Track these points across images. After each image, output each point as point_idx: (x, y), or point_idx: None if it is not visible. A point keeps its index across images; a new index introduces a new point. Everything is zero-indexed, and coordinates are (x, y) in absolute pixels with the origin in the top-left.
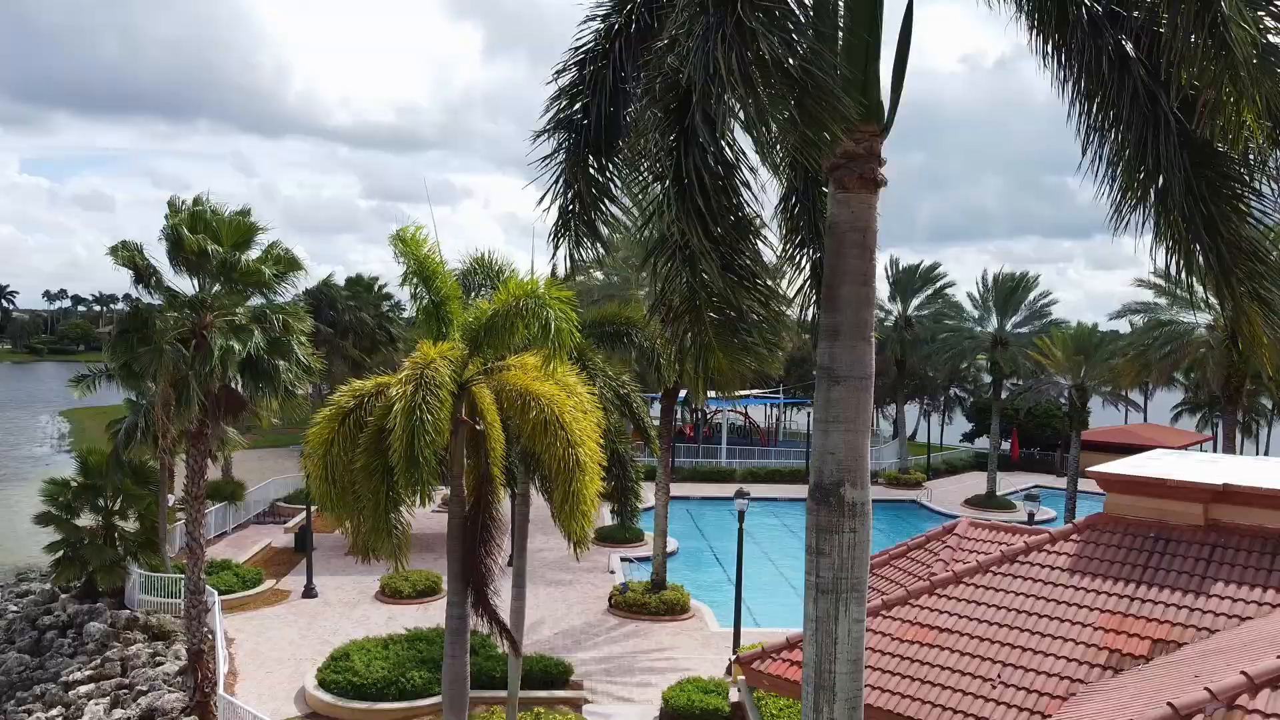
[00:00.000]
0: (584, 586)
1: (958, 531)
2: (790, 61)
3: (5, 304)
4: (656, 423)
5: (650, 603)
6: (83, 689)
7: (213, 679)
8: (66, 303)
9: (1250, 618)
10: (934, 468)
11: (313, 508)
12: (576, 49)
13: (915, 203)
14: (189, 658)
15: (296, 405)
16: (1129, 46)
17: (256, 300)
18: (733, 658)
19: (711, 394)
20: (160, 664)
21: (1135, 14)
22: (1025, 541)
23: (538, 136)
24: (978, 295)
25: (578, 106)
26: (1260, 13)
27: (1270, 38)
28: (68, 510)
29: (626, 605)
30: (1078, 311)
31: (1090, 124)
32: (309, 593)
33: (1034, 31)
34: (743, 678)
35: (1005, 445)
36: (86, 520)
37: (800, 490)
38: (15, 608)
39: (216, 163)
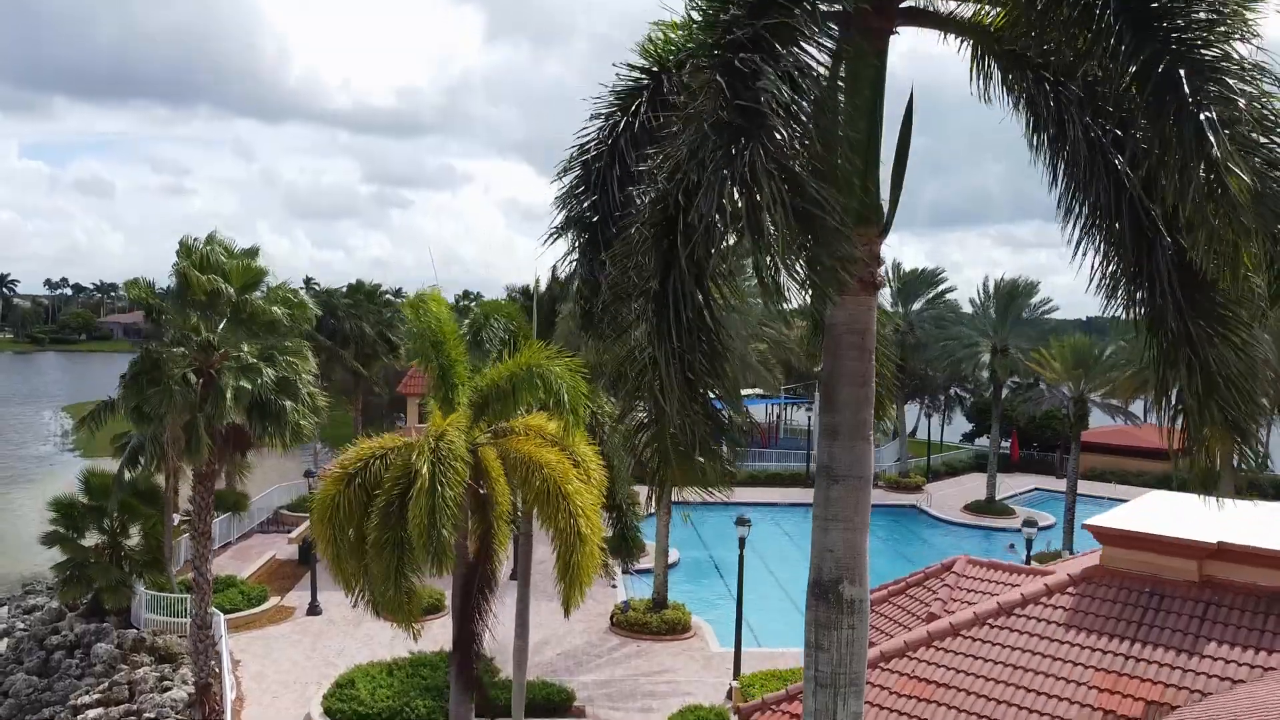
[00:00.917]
0: (585, 603)
1: (956, 570)
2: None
3: (6, 292)
4: None
5: (652, 622)
6: (91, 713)
7: (220, 710)
8: (67, 291)
9: (1242, 680)
10: (934, 469)
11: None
12: (582, 147)
13: (918, 187)
14: (197, 690)
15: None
16: (1122, 162)
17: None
18: (733, 683)
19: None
20: (168, 689)
21: (1136, 133)
22: (1022, 593)
23: (549, 236)
24: (979, 301)
25: (586, 205)
26: (1257, 159)
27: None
28: (74, 529)
29: (628, 624)
30: (1078, 295)
31: (1084, 226)
32: (313, 610)
33: (1030, 129)
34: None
35: (1005, 445)
36: (92, 539)
37: (801, 495)
38: (23, 625)
39: (216, 148)
